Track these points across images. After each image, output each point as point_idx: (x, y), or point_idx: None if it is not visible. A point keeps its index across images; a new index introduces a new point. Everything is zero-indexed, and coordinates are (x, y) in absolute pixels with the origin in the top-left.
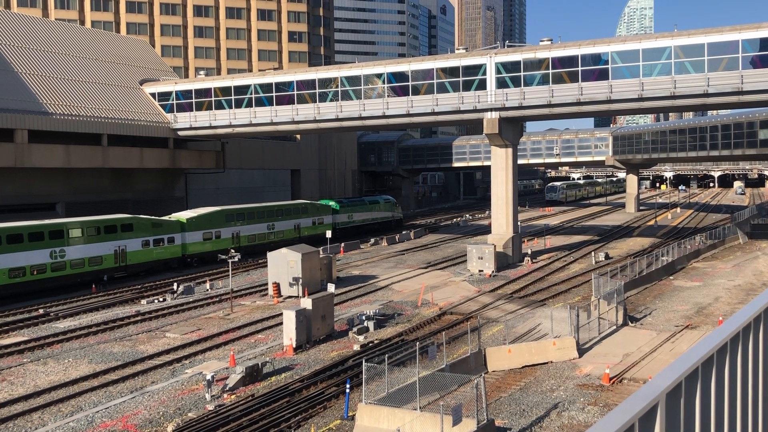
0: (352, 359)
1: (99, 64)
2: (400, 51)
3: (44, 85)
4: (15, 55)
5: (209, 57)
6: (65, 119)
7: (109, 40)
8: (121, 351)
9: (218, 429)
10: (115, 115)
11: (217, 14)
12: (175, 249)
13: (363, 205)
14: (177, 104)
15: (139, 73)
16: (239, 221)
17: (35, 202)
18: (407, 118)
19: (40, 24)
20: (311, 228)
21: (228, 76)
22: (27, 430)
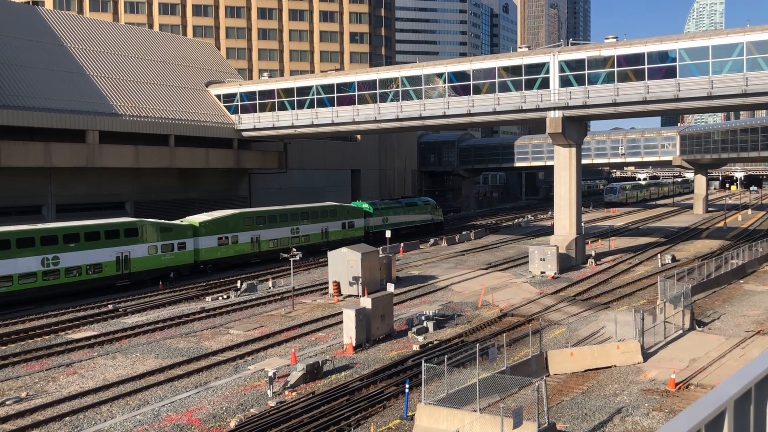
0: (411, 359)
1: (166, 67)
2: (461, 50)
3: (115, 88)
4: (88, 59)
5: (272, 59)
6: (134, 120)
7: (176, 43)
8: (186, 347)
9: (280, 425)
10: (182, 116)
11: (280, 16)
12: (186, 255)
13: (399, 207)
14: (241, 105)
15: (205, 75)
16: (259, 225)
17: (105, 201)
18: (468, 117)
19: (111, 28)
20: (340, 232)
21: (291, 77)
22: (96, 422)
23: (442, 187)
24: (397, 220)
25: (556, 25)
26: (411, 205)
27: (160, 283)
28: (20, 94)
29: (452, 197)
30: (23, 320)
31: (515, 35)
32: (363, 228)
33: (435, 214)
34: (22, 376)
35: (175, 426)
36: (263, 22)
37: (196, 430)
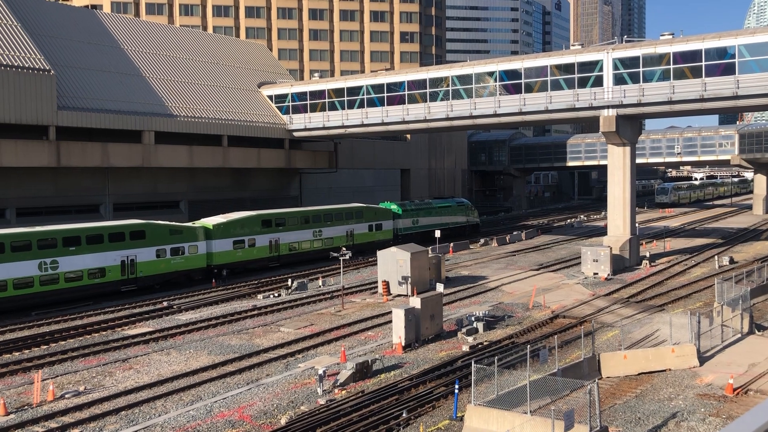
0: (460, 360)
1: (220, 68)
2: (512, 48)
3: (170, 89)
4: (144, 61)
5: (323, 59)
6: (189, 121)
7: (229, 45)
8: (238, 344)
9: (329, 423)
10: (235, 117)
11: (331, 17)
12: (197, 259)
13: (430, 209)
14: (292, 106)
15: (258, 76)
16: (279, 227)
17: (161, 200)
18: (519, 116)
19: (166, 30)
20: (367, 234)
21: (341, 77)
22: (151, 416)
23: (492, 187)
24: (428, 222)
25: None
26: (444, 207)
27: (213, 281)
28: (79, 95)
29: (503, 197)
30: (81, 316)
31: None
32: (391, 230)
33: (470, 216)
34: (80, 370)
35: (227, 422)
36: (314, 23)
37: (248, 426)
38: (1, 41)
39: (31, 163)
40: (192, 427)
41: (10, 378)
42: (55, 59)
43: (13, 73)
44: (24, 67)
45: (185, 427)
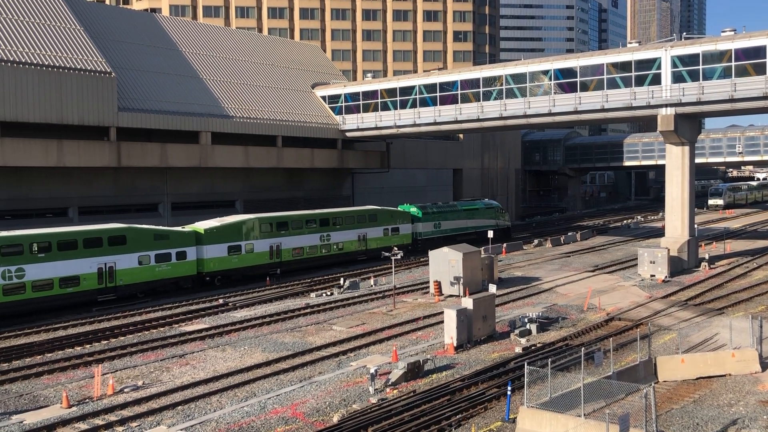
0: (513, 361)
1: (275, 69)
2: (568, 47)
3: (226, 90)
4: (201, 63)
5: (376, 60)
6: (244, 122)
7: (284, 46)
8: (291, 341)
9: (381, 422)
10: (289, 117)
11: (384, 17)
12: (186, 266)
13: (455, 211)
14: (345, 106)
15: (311, 77)
16: (281, 231)
17: (217, 199)
18: (574, 115)
19: (222, 33)
20: (382, 239)
21: (394, 77)
22: (207, 411)
23: (546, 187)
24: (452, 226)
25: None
26: (470, 209)
27: (267, 279)
28: (139, 97)
29: (557, 197)
30: (140, 312)
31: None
32: (410, 235)
33: (500, 219)
34: (139, 365)
35: (280, 418)
36: (368, 23)
37: (300, 423)
38: (64, 45)
39: (93, 163)
40: (246, 423)
41: (72, 372)
42: (115, 62)
43: (76, 75)
44: (86, 69)
45: (239, 423)
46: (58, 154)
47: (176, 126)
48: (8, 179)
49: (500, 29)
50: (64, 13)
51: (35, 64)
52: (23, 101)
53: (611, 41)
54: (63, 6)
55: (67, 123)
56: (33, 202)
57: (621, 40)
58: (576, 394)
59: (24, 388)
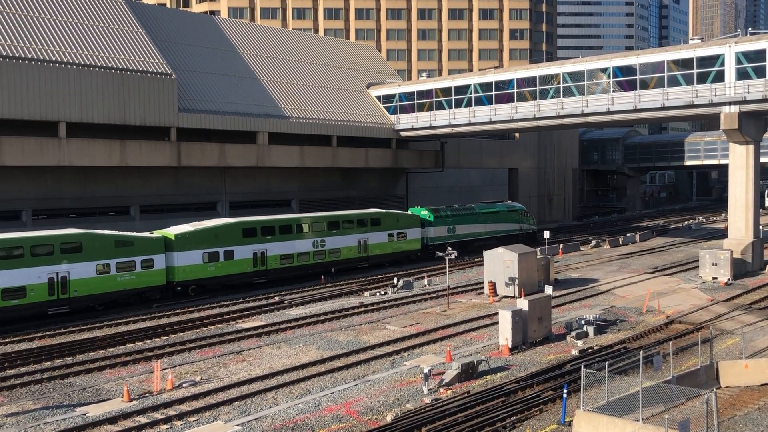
0: (569, 364)
1: (330, 70)
2: (627, 44)
3: (282, 91)
4: (259, 64)
5: (431, 59)
6: (300, 122)
7: (339, 47)
8: (345, 340)
9: (435, 422)
10: (344, 117)
11: (439, 16)
12: (153, 275)
13: (472, 215)
14: (400, 106)
15: (366, 77)
16: (266, 237)
17: (273, 198)
18: (634, 113)
19: (279, 34)
20: (385, 245)
21: (449, 76)
22: (262, 408)
23: (605, 187)
24: (468, 231)
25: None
26: (490, 213)
27: (322, 278)
28: (199, 98)
29: (616, 197)
30: (199, 309)
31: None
32: (419, 240)
33: (524, 223)
34: (197, 361)
35: (334, 416)
36: (423, 22)
37: (354, 421)
38: (127, 47)
39: (154, 163)
40: (301, 420)
41: (133, 366)
42: (176, 63)
43: (138, 77)
44: (148, 71)
45: (294, 420)
46: (121, 154)
47: (234, 126)
48: (74, 178)
49: (557, 27)
50: (127, 16)
51: (100, 66)
52: (88, 103)
53: (672, 38)
54: (126, 9)
55: (129, 124)
56: (97, 200)
57: (683, 36)
58: (634, 398)
59: (87, 382)
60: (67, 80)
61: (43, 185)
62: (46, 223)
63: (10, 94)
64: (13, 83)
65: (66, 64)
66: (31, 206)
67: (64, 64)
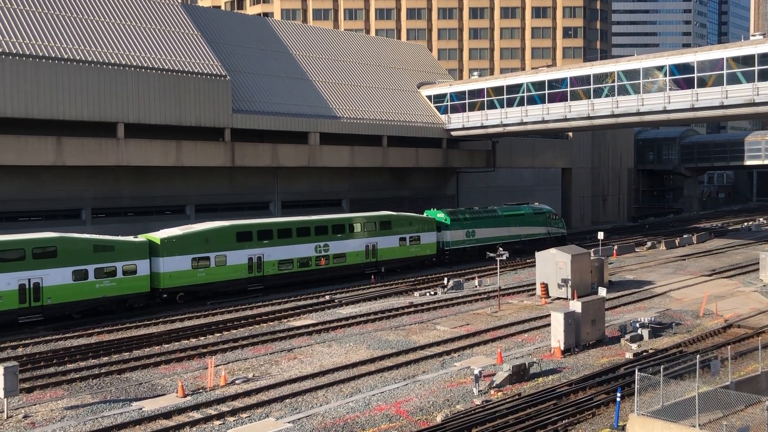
0: (623, 367)
1: (381, 70)
2: (684, 41)
3: (334, 91)
4: (310, 65)
5: (483, 58)
6: (351, 122)
7: (390, 47)
8: (395, 339)
9: (485, 424)
10: (395, 117)
11: (491, 15)
12: (137, 281)
13: (493, 218)
14: (451, 105)
15: (417, 77)
16: (263, 241)
17: (324, 198)
18: (691, 112)
19: (331, 35)
20: (397, 250)
21: (500, 75)
22: (313, 405)
23: (661, 187)
24: (488, 235)
25: None
26: (513, 216)
27: (372, 277)
28: (252, 99)
29: (672, 198)
30: (252, 307)
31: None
32: (434, 244)
33: (553, 227)
34: (249, 358)
35: (384, 416)
36: (474, 21)
37: (404, 421)
38: (183, 50)
39: (209, 163)
40: (351, 419)
41: (187, 362)
42: (230, 65)
43: (193, 78)
44: (203, 73)
45: (344, 418)
46: (177, 154)
47: (287, 127)
48: (132, 178)
49: (612, 24)
50: (183, 19)
51: (157, 68)
52: (145, 104)
53: (732, 35)
54: (182, 12)
55: (185, 124)
56: (154, 200)
57: (743, 33)
58: (690, 404)
59: (143, 377)
60: (125, 82)
61: (102, 184)
62: (105, 222)
63: (71, 96)
64: (73, 85)
65: (124, 66)
66: (91, 205)
67: (122, 66)
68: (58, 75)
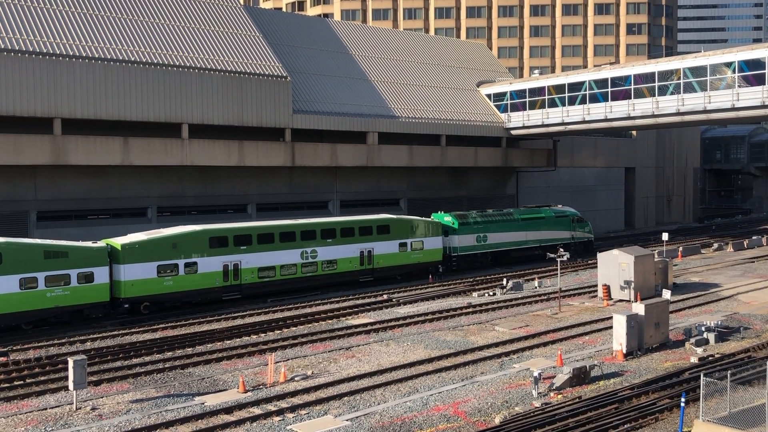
0: (688, 372)
1: (440, 69)
2: (754, 36)
3: (392, 91)
4: (370, 65)
5: (544, 56)
6: (409, 122)
7: (450, 46)
8: (453, 340)
9: (544, 426)
10: (453, 116)
11: (553, 12)
12: (94, 290)
13: (509, 221)
14: (511, 104)
15: (477, 76)
16: (240, 246)
17: (382, 197)
18: (762, 110)
19: (390, 35)
20: (395, 256)
21: (562, 73)
22: (371, 404)
23: (728, 187)
24: (502, 240)
25: None
26: (532, 219)
27: (430, 277)
28: (312, 99)
29: (741, 198)
30: (311, 305)
31: None
32: (440, 250)
33: (577, 231)
34: (308, 355)
35: (442, 416)
36: (535, 19)
37: (462, 422)
38: (245, 51)
39: (270, 163)
40: (408, 418)
41: (248, 359)
42: (290, 66)
43: (255, 80)
44: (264, 74)
45: (402, 418)
46: (239, 154)
47: (345, 127)
48: (195, 177)
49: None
50: (245, 21)
51: (219, 70)
52: (208, 105)
53: None
54: (245, 15)
55: (246, 125)
56: (216, 198)
57: None
58: (759, 411)
59: (205, 372)
60: (189, 83)
61: (167, 183)
62: (170, 220)
63: (138, 97)
64: (140, 87)
65: (188, 68)
66: (156, 203)
67: (186, 68)
68: (125, 77)
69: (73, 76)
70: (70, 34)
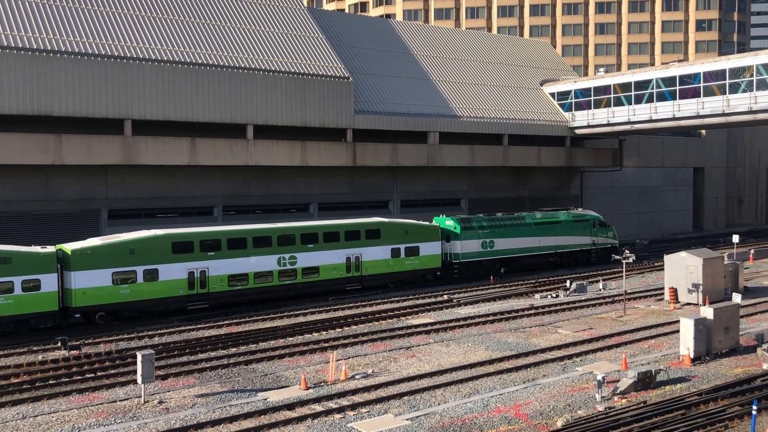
0: (760, 379)
1: (502, 68)
2: None
3: (454, 91)
4: (431, 65)
5: (609, 53)
6: (470, 121)
7: (512, 44)
8: (515, 341)
9: (608, 431)
10: (516, 115)
11: (618, 9)
12: (41, 299)
13: (520, 225)
14: (575, 103)
15: (540, 74)
16: (208, 252)
17: (443, 197)
18: None
19: (452, 34)
20: (387, 263)
21: (628, 71)
22: (431, 404)
23: None
24: (512, 246)
25: None
26: (546, 223)
27: (491, 278)
28: (373, 100)
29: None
30: (371, 304)
31: None
32: (438, 256)
33: (599, 236)
34: (369, 354)
35: (503, 418)
36: (601, 16)
37: (523, 424)
38: (308, 52)
39: (332, 163)
40: (469, 419)
41: (310, 356)
42: (352, 66)
43: (317, 81)
44: (327, 75)
45: (462, 418)
46: (301, 154)
47: (406, 127)
48: (259, 177)
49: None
50: (308, 23)
51: (283, 71)
52: (272, 106)
53: None
54: (307, 16)
55: (309, 125)
56: (280, 198)
57: None
58: None
59: (268, 369)
60: (254, 85)
61: (232, 183)
62: (235, 219)
63: (205, 99)
64: (207, 88)
65: (253, 69)
66: (222, 203)
67: (251, 69)
68: (193, 79)
69: (142, 79)
70: (140, 38)
